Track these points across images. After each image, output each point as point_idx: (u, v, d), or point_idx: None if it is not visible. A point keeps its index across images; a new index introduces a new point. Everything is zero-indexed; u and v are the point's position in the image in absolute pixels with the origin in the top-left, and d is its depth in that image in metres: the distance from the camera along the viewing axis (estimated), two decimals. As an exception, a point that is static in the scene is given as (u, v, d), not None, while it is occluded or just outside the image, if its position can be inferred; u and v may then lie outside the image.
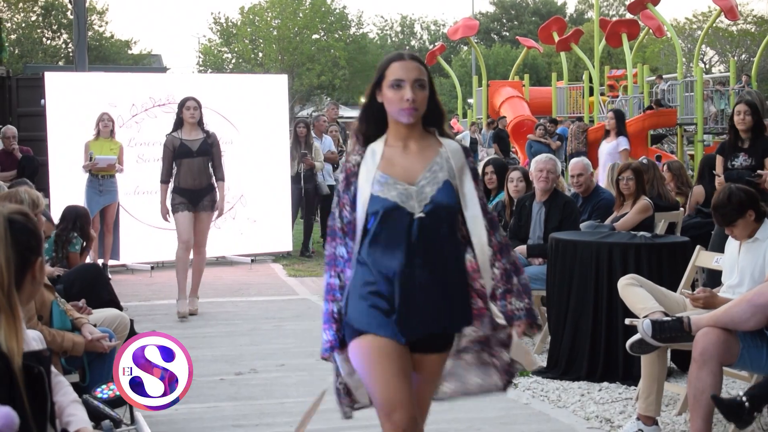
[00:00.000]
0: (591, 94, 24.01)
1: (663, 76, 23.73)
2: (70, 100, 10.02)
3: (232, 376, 5.89)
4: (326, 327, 3.06)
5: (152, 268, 10.27)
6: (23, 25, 44.02)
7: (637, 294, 4.78)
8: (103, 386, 3.86)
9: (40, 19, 44.84)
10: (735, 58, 40.09)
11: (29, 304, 3.70)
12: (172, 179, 7.77)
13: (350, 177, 3.08)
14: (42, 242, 2.60)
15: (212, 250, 9.33)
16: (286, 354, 6.47)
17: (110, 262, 9.72)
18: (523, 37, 34.01)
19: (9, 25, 41.49)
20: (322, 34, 44.56)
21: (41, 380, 2.42)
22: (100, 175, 9.50)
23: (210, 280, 7.20)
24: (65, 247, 6.52)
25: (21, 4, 43.36)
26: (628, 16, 24.69)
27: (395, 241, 2.97)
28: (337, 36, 44.71)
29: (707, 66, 46.71)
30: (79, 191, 9.43)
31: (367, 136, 3.12)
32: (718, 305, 4.44)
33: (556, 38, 25.27)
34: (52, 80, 10.25)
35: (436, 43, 42.87)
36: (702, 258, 5.43)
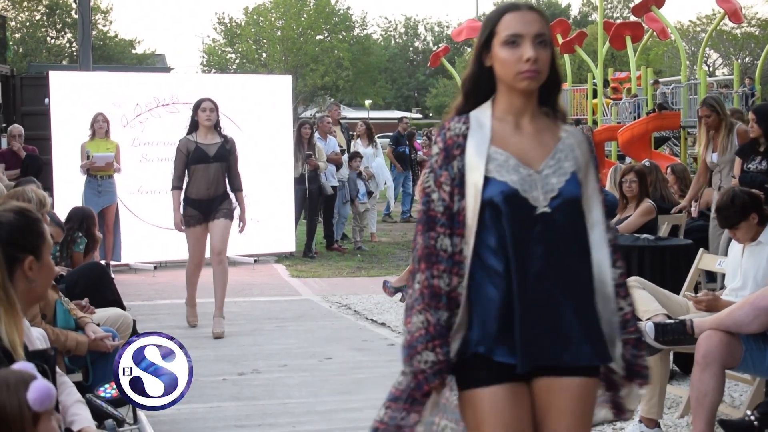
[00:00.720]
0: (595, 96, 23.99)
1: (659, 81, 23.68)
2: (74, 100, 10.02)
3: (234, 376, 5.89)
4: (429, 343, 2.29)
5: (155, 267, 10.24)
6: (27, 24, 44.16)
7: (640, 296, 4.77)
8: (106, 385, 3.87)
9: (45, 18, 45.00)
10: (739, 60, 40.00)
11: (34, 305, 3.70)
12: (184, 186, 7.11)
13: (452, 149, 2.35)
14: (40, 242, 2.59)
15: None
16: (289, 354, 6.47)
17: (112, 263, 9.72)
18: (527, 39, 33.96)
19: (13, 24, 41.62)
20: (326, 34, 44.67)
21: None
22: (98, 175, 9.42)
23: (210, 280, 7.19)
24: (70, 247, 6.53)
25: (25, 3, 43.51)
26: (632, 18, 24.63)
27: (512, 241, 2.31)
28: (340, 37, 44.80)
29: (711, 69, 46.70)
30: (82, 191, 9.42)
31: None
32: (721, 308, 4.44)
33: (560, 40, 25.25)
34: (57, 79, 10.26)
35: (439, 45, 42.87)
36: (705, 261, 5.42)
